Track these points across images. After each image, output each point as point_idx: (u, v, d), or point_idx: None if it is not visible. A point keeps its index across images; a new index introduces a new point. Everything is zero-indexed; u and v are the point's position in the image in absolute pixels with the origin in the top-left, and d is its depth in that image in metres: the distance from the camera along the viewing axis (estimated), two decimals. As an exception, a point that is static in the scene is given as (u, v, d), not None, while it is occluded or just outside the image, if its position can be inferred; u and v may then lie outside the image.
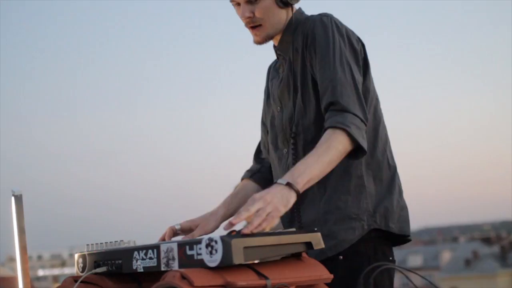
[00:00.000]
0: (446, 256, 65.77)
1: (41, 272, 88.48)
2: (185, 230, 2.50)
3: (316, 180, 2.21)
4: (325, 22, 2.43)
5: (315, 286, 2.00)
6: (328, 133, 2.24)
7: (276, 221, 2.03)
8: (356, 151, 2.27)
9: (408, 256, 67.98)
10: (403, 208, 2.51)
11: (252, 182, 2.70)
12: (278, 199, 2.04)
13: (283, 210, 2.05)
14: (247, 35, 2.57)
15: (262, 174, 2.71)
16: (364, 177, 2.43)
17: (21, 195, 2.28)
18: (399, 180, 2.54)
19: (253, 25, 2.49)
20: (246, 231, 1.89)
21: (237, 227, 1.94)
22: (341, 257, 2.35)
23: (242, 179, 2.74)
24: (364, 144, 2.26)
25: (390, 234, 2.44)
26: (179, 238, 2.52)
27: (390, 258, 2.46)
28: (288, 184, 2.09)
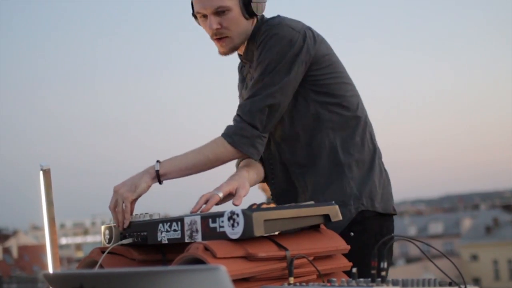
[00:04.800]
0: (466, 223, 65.53)
1: (63, 241, 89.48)
2: (226, 196, 2.38)
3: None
4: (269, 34, 2.48)
5: (332, 256, 2.07)
6: (214, 140, 2.46)
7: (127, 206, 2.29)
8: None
9: (429, 224, 67.89)
10: (386, 186, 2.61)
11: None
12: (126, 187, 2.31)
13: (131, 196, 2.30)
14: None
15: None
16: (344, 163, 2.53)
17: (49, 169, 2.33)
18: (380, 160, 2.64)
19: (220, 36, 2.53)
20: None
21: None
22: (352, 233, 2.46)
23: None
24: (249, 151, 2.43)
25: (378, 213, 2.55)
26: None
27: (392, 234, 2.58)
28: (156, 171, 2.36)
